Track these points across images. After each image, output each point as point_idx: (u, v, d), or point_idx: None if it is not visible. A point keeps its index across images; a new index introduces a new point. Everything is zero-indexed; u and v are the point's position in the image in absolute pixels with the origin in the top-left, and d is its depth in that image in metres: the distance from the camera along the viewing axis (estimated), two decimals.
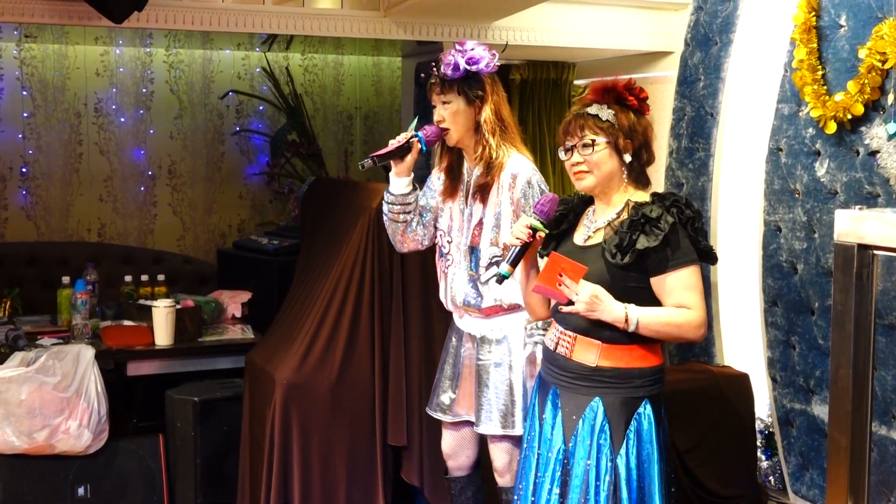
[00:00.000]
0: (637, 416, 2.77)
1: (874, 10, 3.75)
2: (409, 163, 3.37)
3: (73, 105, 5.91)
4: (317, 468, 3.90)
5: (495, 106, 3.37)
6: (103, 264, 5.67)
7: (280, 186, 6.16)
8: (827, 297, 4.01)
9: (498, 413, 3.35)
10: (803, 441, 4.21)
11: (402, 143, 3.33)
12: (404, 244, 3.55)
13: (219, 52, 6.18)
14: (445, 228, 3.49)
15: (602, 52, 5.52)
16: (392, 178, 3.42)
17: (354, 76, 6.55)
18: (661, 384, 2.86)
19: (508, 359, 3.37)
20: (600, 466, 2.74)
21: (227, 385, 4.48)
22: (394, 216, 3.47)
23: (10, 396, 3.96)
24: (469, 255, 3.40)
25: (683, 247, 2.75)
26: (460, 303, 3.42)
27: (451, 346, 3.55)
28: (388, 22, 4.82)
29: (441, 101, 3.37)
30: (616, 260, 2.74)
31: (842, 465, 2.38)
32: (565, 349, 2.85)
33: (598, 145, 2.82)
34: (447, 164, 3.52)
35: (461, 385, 3.50)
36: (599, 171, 2.84)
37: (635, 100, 2.88)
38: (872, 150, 3.77)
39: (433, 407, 3.58)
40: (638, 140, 2.86)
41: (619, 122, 2.83)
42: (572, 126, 2.86)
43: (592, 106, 2.86)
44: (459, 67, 3.30)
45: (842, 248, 2.34)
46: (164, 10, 4.43)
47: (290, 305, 4.38)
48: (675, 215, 2.75)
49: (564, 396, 2.86)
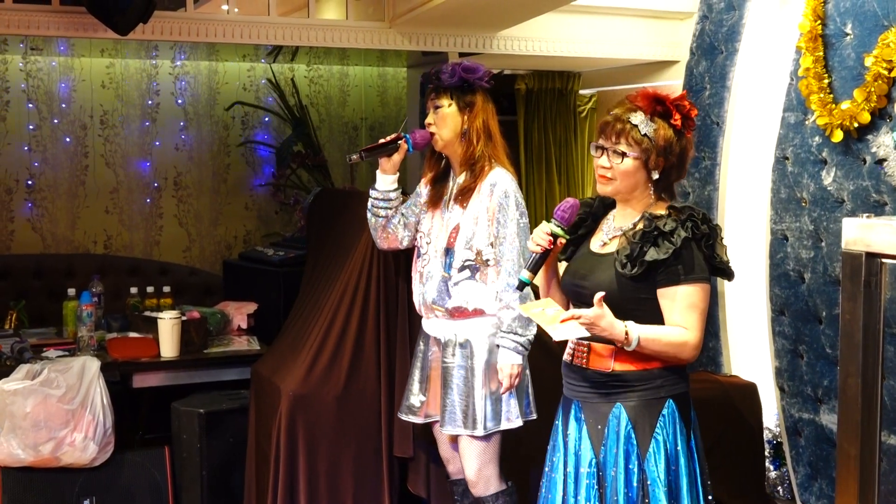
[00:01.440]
0: (662, 418, 2.74)
1: (880, 18, 3.74)
2: (395, 161, 3.58)
3: (79, 117, 5.93)
4: (323, 479, 3.89)
5: (484, 117, 3.53)
6: (109, 276, 5.67)
7: (286, 197, 6.16)
8: (834, 306, 3.99)
9: (460, 414, 3.44)
10: (812, 451, 4.19)
11: (389, 141, 3.56)
12: (384, 241, 3.72)
13: (224, 64, 6.20)
14: (426, 230, 3.63)
15: (607, 61, 5.53)
16: (378, 175, 3.63)
17: (360, 87, 6.56)
18: (686, 383, 2.82)
19: (470, 362, 3.46)
20: (630, 472, 2.71)
21: (233, 396, 4.47)
22: (375, 210, 3.66)
23: (15, 409, 3.95)
24: (444, 257, 3.52)
25: (694, 263, 2.72)
26: (429, 302, 3.53)
27: (420, 350, 3.68)
28: (393, 33, 4.82)
29: (434, 104, 3.53)
30: (625, 270, 2.72)
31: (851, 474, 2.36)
32: (581, 359, 2.82)
33: (629, 158, 2.75)
34: (433, 174, 3.66)
35: (430, 388, 3.62)
36: (623, 182, 2.79)
37: (681, 119, 2.77)
38: (879, 158, 3.76)
39: (403, 410, 3.68)
40: (671, 160, 2.78)
41: (657, 138, 2.74)
42: (610, 129, 2.78)
43: (637, 114, 2.76)
44: (455, 74, 3.47)
45: (850, 256, 2.32)
46: (170, 22, 4.44)
47: (295, 316, 4.38)
48: (689, 230, 2.71)
49: (587, 408, 2.83)
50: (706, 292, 2.75)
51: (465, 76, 3.47)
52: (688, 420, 2.80)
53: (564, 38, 5.13)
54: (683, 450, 2.76)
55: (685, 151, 2.82)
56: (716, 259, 2.77)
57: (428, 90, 3.58)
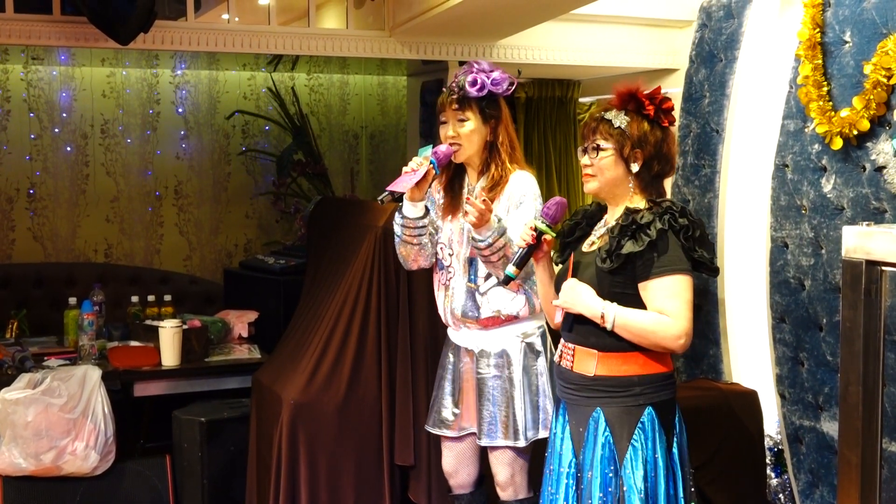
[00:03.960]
0: (640, 425, 2.76)
1: (879, 25, 3.75)
2: (424, 188, 3.36)
3: (80, 126, 5.94)
4: (324, 488, 3.89)
5: (507, 126, 3.44)
6: (110, 285, 5.68)
7: (286, 206, 6.17)
8: (835, 314, 4.00)
9: (500, 424, 3.36)
10: (813, 458, 4.19)
11: (423, 173, 3.27)
12: (415, 263, 3.55)
13: (225, 73, 6.21)
14: (446, 241, 3.50)
15: (607, 69, 5.53)
16: (406, 204, 3.40)
17: (360, 95, 6.57)
18: (669, 391, 2.84)
19: (508, 371, 3.38)
20: (606, 478, 2.74)
21: (233, 405, 4.47)
22: (408, 239, 3.45)
23: (16, 418, 3.95)
24: (468, 267, 3.42)
25: (671, 254, 2.75)
26: (459, 314, 3.43)
27: (449, 362, 3.56)
28: (394, 41, 4.83)
29: (457, 117, 3.38)
30: (605, 265, 2.76)
31: (852, 482, 2.36)
32: (568, 361, 2.88)
33: (605, 151, 2.84)
34: (446, 180, 3.53)
35: (463, 399, 3.52)
36: (603, 177, 2.87)
37: (653, 109, 2.85)
38: (879, 165, 3.77)
39: (435, 423, 3.57)
40: (649, 150, 2.84)
41: (631, 130, 2.83)
42: (587, 128, 2.90)
43: (611, 111, 2.88)
44: (485, 88, 3.34)
45: (850, 264, 2.33)
46: (171, 31, 4.45)
47: (296, 325, 4.38)
48: (666, 222, 2.75)
49: (570, 409, 2.89)
50: (689, 283, 2.76)
51: (493, 90, 3.35)
52: (669, 428, 2.82)
53: (564, 46, 5.14)
54: (663, 458, 2.77)
55: (663, 142, 2.88)
56: (696, 253, 2.79)
57: (448, 101, 3.39)
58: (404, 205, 3.42)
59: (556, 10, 4.57)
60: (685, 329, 2.72)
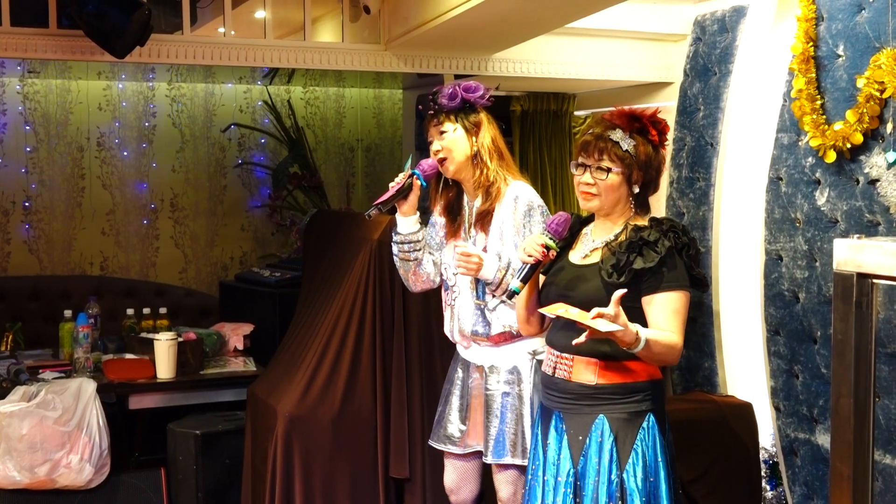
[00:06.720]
0: (642, 430, 2.81)
1: (871, 39, 3.77)
2: (412, 201, 3.37)
3: (76, 139, 5.94)
4: (319, 501, 3.89)
5: (492, 135, 3.42)
6: (105, 298, 5.68)
7: (282, 219, 6.18)
8: (829, 326, 4.00)
9: (508, 442, 3.32)
10: (808, 470, 4.19)
11: (402, 185, 3.34)
12: (416, 283, 3.55)
13: (221, 86, 6.22)
14: (450, 262, 3.48)
15: (602, 83, 5.55)
16: (399, 219, 3.43)
17: (356, 108, 6.58)
18: (663, 397, 2.92)
19: (518, 388, 3.36)
20: (610, 483, 2.76)
21: (229, 418, 4.47)
22: (404, 255, 3.47)
23: (11, 431, 3.95)
24: (475, 285, 3.40)
25: (677, 271, 2.83)
26: (468, 333, 3.41)
27: (457, 377, 3.52)
28: (389, 55, 4.85)
29: (438, 131, 3.39)
30: (612, 279, 2.80)
31: (845, 494, 2.36)
32: (564, 372, 2.89)
33: (613, 174, 2.87)
34: (445, 203, 3.53)
35: (471, 416, 3.47)
36: (607, 197, 2.90)
37: (657, 135, 2.92)
38: (872, 178, 3.78)
39: (440, 439, 3.53)
40: (651, 174, 2.92)
41: (638, 154, 2.88)
42: (592, 147, 2.89)
43: (616, 131, 2.88)
44: (456, 96, 3.36)
45: (841, 276, 2.34)
46: (167, 44, 4.46)
47: (292, 338, 4.38)
48: (672, 240, 2.83)
49: (568, 418, 2.88)
50: (687, 299, 2.86)
51: (467, 96, 3.37)
52: (664, 432, 2.88)
53: (559, 60, 5.16)
54: (662, 462, 2.82)
55: (661, 166, 2.97)
56: (694, 270, 2.87)
57: (428, 116, 3.42)
58: (397, 220, 3.43)
59: (551, 23, 4.59)
60: (682, 346, 2.82)
